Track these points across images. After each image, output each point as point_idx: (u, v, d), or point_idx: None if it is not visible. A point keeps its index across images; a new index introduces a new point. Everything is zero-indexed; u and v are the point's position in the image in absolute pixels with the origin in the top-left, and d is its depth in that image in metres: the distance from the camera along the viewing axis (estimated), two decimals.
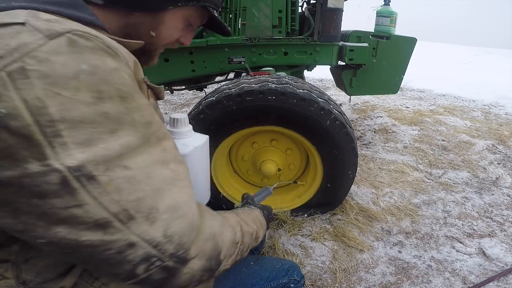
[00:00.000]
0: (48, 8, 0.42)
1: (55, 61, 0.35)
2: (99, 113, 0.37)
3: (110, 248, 0.39)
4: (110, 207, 0.38)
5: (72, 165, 0.35)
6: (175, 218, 0.44)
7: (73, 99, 0.36)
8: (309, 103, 1.27)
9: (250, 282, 0.78)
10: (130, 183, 0.39)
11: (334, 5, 1.70)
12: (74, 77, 0.36)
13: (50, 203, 0.36)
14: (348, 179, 1.52)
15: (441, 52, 9.81)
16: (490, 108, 3.82)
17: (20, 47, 0.35)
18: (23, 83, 0.34)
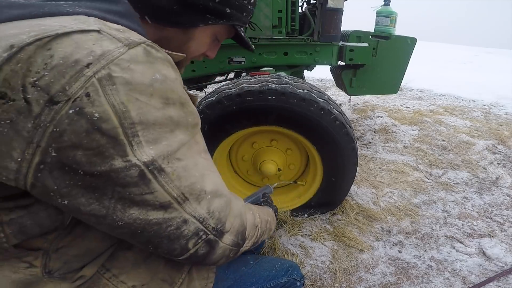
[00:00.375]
0: (108, 17, 0.47)
1: (135, 70, 0.41)
2: (166, 117, 0.44)
3: (170, 224, 0.47)
4: (172, 192, 0.46)
5: (146, 160, 0.42)
6: (215, 197, 0.52)
7: (148, 104, 0.42)
8: (309, 103, 1.27)
9: (250, 281, 0.78)
10: (185, 171, 0.47)
11: (334, 5, 1.70)
12: (150, 84, 0.42)
13: (129, 191, 0.43)
14: (348, 179, 1.52)
15: (441, 52, 9.81)
16: (490, 108, 3.82)
17: (105, 54, 0.40)
18: (110, 89, 0.39)
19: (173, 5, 0.58)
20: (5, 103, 0.37)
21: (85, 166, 0.40)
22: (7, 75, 0.37)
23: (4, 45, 0.38)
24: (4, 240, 0.44)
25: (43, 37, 0.38)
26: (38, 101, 0.37)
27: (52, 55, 0.38)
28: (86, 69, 0.38)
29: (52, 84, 0.37)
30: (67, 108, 0.37)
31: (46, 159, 0.39)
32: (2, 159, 0.39)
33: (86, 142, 0.39)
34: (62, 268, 0.51)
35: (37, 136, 0.38)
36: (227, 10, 0.62)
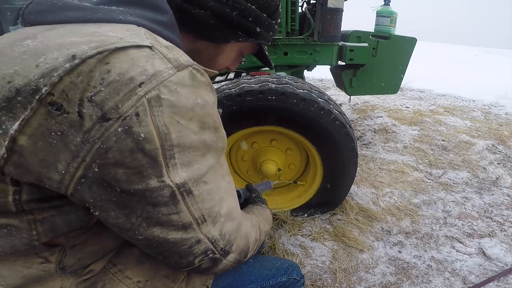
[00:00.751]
0: (154, 27, 0.50)
1: (180, 93, 0.43)
2: (201, 141, 0.46)
3: (185, 244, 0.50)
4: (194, 214, 0.48)
5: (179, 182, 0.44)
6: (228, 220, 0.55)
7: (187, 127, 0.44)
8: (309, 103, 1.27)
9: (249, 279, 0.79)
10: (209, 194, 0.49)
11: (334, 5, 1.71)
12: (191, 108, 0.44)
13: (158, 210, 0.45)
14: (348, 179, 1.52)
15: (441, 52, 9.81)
16: (490, 108, 3.82)
17: (156, 74, 0.42)
18: (157, 110, 0.41)
19: (210, 19, 0.61)
20: (59, 115, 0.38)
21: (123, 184, 0.42)
22: (66, 87, 0.38)
23: (65, 54, 0.39)
24: (35, 238, 0.46)
25: (104, 50, 0.40)
26: (91, 116, 0.38)
27: (109, 70, 0.39)
28: (138, 88, 0.40)
29: (106, 100, 0.39)
30: (116, 126, 0.39)
31: (88, 174, 0.40)
32: (48, 169, 0.40)
33: (128, 161, 0.40)
34: (75, 264, 0.52)
35: (84, 151, 0.39)
36: (257, 29, 0.66)
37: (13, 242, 0.45)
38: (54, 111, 0.38)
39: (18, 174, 0.41)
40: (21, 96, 0.38)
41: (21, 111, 0.38)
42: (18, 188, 0.42)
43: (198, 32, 0.62)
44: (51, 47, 0.40)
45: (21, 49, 0.41)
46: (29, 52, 0.40)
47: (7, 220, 0.44)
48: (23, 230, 0.45)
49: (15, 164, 0.40)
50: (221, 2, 0.60)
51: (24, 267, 0.48)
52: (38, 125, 0.38)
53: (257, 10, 0.64)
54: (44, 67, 0.38)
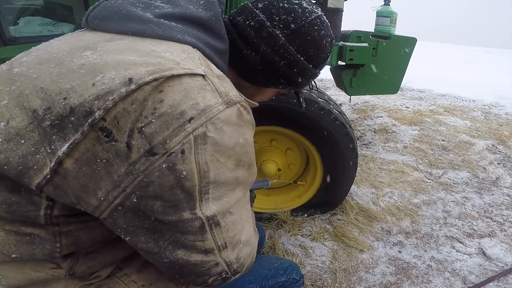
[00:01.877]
0: (207, 52, 0.50)
1: (225, 132, 0.44)
2: (234, 178, 0.48)
3: (204, 266, 0.51)
4: (218, 242, 0.49)
5: (209, 215, 0.45)
6: (245, 246, 0.56)
7: (224, 165, 0.45)
8: (309, 103, 1.27)
9: (248, 279, 0.79)
10: (233, 224, 0.51)
11: (334, 5, 1.71)
12: (232, 148, 0.45)
13: (186, 237, 0.46)
14: (348, 179, 1.52)
15: (441, 52, 9.81)
16: (490, 108, 3.82)
17: (206, 110, 0.42)
18: (201, 148, 0.41)
19: (258, 65, 0.61)
20: (108, 142, 0.38)
21: (159, 214, 0.42)
22: (119, 114, 0.38)
23: (122, 76, 0.39)
24: (57, 250, 0.46)
25: (160, 76, 0.40)
26: (139, 149, 0.38)
27: (162, 100, 0.39)
28: (187, 123, 0.40)
29: (156, 134, 0.39)
30: (161, 161, 0.39)
31: (126, 203, 0.41)
32: (86, 194, 0.40)
33: (167, 195, 0.41)
34: (85, 271, 0.52)
35: (126, 182, 0.39)
36: (299, 79, 0.65)
37: (34, 251, 0.45)
38: (103, 137, 0.38)
39: (56, 195, 0.41)
40: (74, 117, 0.37)
41: (71, 132, 0.37)
42: (51, 203, 0.43)
43: (243, 73, 0.64)
44: (109, 64, 0.40)
45: (80, 61, 0.41)
46: (87, 66, 0.40)
47: (33, 230, 0.44)
48: (47, 242, 0.45)
49: (55, 186, 0.39)
50: (273, 49, 0.59)
51: (34, 270, 0.48)
52: (86, 149, 0.38)
53: (305, 61, 0.62)
54: (100, 87, 0.38)
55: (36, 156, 0.38)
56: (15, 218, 0.43)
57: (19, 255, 0.45)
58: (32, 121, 0.38)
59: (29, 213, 0.42)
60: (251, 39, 0.59)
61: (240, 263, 0.57)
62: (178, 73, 0.41)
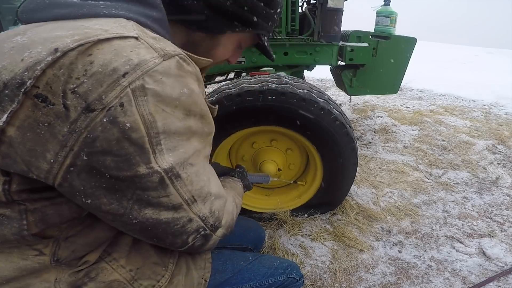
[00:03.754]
0: (142, 20, 0.49)
1: (166, 83, 0.44)
2: (186, 127, 0.47)
3: (177, 223, 0.51)
4: (184, 195, 0.50)
5: (166, 167, 0.45)
6: (217, 198, 0.57)
7: (172, 115, 0.45)
8: (309, 103, 1.27)
9: (248, 276, 0.79)
10: (197, 176, 0.51)
11: (334, 5, 1.71)
12: (177, 98, 0.45)
13: (148, 194, 0.46)
14: (348, 179, 1.52)
15: (441, 52, 9.81)
16: (490, 108, 3.82)
17: (141, 64, 0.42)
18: (142, 100, 0.41)
19: (203, 10, 0.59)
20: (45, 107, 0.39)
21: (113, 170, 0.42)
22: (50, 79, 0.39)
23: (48, 48, 0.40)
24: (25, 228, 0.46)
25: (86, 42, 0.40)
26: (76, 108, 0.39)
27: (92, 62, 0.40)
28: (122, 78, 0.40)
29: (90, 92, 0.39)
30: (101, 116, 0.40)
31: (77, 162, 0.41)
32: (36, 159, 0.41)
33: (116, 149, 0.41)
34: (70, 256, 0.53)
35: (71, 140, 0.40)
36: (254, 18, 0.64)
37: (3, 231, 0.46)
38: (40, 103, 0.39)
39: (6, 164, 0.41)
40: (8, 90, 0.39)
41: (8, 103, 0.39)
42: (8, 178, 0.43)
43: (192, 24, 0.61)
44: (36, 42, 0.41)
45: (10, 45, 0.42)
46: (16, 47, 0.41)
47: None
48: (14, 220, 0.46)
49: (2, 155, 0.41)
50: None
51: (20, 258, 0.49)
52: (26, 116, 0.39)
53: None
54: (28, 61, 0.39)
55: None
56: None
57: None
58: None
59: None
60: None
61: (216, 216, 0.57)
62: (106, 37, 0.42)
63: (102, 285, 0.56)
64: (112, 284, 0.57)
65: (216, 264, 0.76)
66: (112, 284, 0.57)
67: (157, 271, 0.62)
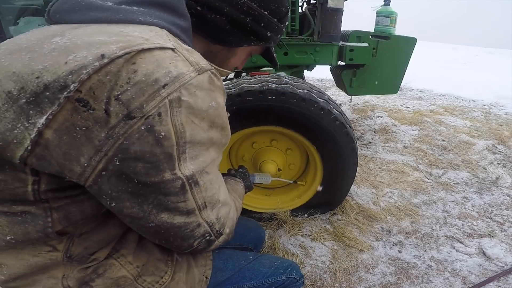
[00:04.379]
0: (173, 30, 0.52)
1: (198, 96, 0.47)
2: (208, 138, 0.50)
3: (188, 228, 0.53)
4: (198, 201, 0.52)
5: (188, 174, 0.48)
6: (223, 205, 0.60)
7: (199, 126, 0.48)
8: (309, 103, 1.27)
9: (249, 275, 0.79)
10: (211, 184, 0.54)
11: (334, 5, 1.70)
12: (205, 111, 0.48)
13: (168, 199, 0.48)
14: (348, 179, 1.52)
15: (441, 52, 9.81)
16: (490, 108, 3.82)
17: (179, 76, 0.44)
18: (176, 111, 0.44)
19: (225, 25, 0.64)
20: (85, 111, 0.40)
21: (142, 176, 0.44)
22: (94, 85, 0.40)
23: (95, 53, 0.41)
24: (50, 225, 0.47)
25: (131, 50, 0.42)
26: (117, 114, 0.41)
27: (136, 70, 0.42)
28: (162, 89, 0.42)
29: (132, 100, 0.41)
30: (139, 124, 0.41)
31: (109, 167, 0.43)
32: (70, 162, 0.41)
33: (148, 156, 0.43)
34: (82, 252, 0.54)
35: (107, 146, 0.41)
36: (268, 34, 0.69)
37: (27, 229, 0.47)
38: (80, 107, 0.40)
39: (40, 166, 0.42)
40: (49, 92, 0.39)
41: (48, 106, 0.39)
42: (37, 178, 0.44)
43: (213, 37, 0.66)
44: (80, 45, 0.42)
45: (50, 46, 0.42)
46: (58, 49, 0.41)
47: (24, 207, 0.46)
48: (39, 217, 0.47)
49: (38, 156, 0.41)
50: (236, 8, 0.63)
51: (31, 255, 0.49)
52: (64, 120, 0.40)
53: (269, 15, 0.66)
54: (73, 64, 0.40)
55: (14, 131, 0.39)
56: (4, 197, 0.45)
57: (13, 235, 0.47)
58: (7, 101, 0.39)
59: (17, 190, 0.44)
60: (212, 3, 0.61)
61: (221, 223, 0.59)
62: (148, 47, 0.43)
63: (110, 282, 0.57)
64: (119, 281, 0.58)
65: (217, 262, 0.77)
66: (119, 281, 0.58)
67: (160, 267, 0.63)
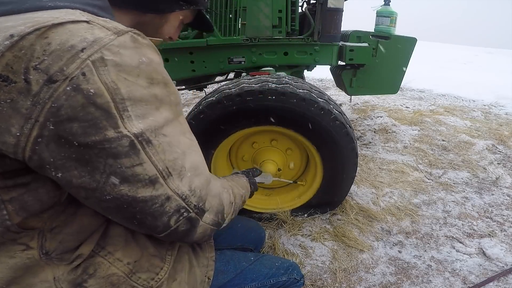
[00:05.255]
0: (88, 9, 0.50)
1: (124, 54, 0.45)
2: (151, 95, 0.48)
3: (156, 202, 0.49)
4: (158, 165, 0.48)
5: (136, 132, 0.45)
6: (195, 175, 0.54)
7: (135, 83, 0.45)
8: (309, 103, 1.27)
9: (250, 277, 0.79)
10: (169, 146, 0.50)
11: (334, 5, 1.70)
12: (136, 66, 0.46)
13: (121, 162, 0.45)
14: (348, 179, 1.52)
15: (441, 52, 9.81)
16: (490, 108, 3.82)
17: (97, 40, 0.43)
18: (103, 69, 0.42)
19: None
20: (7, 85, 0.40)
21: (80, 137, 0.42)
22: (10, 61, 0.40)
23: (3, 36, 0.40)
24: (6, 218, 0.46)
25: (41, 27, 0.41)
26: (37, 81, 0.40)
27: (50, 43, 0.41)
28: (81, 53, 0.41)
29: (51, 66, 0.40)
30: (64, 86, 0.40)
31: (44, 133, 0.41)
32: (1, 134, 0.41)
33: (82, 115, 0.41)
34: (58, 248, 0.52)
35: (36, 112, 0.40)
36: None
37: None
38: (1, 83, 0.39)
39: None
40: None
41: None
42: None
43: (144, 6, 0.66)
44: None
45: None
46: None
47: None
48: None
49: None
50: None
51: (8, 257, 0.49)
52: None
53: None
54: None
55: None
56: None
57: None
58: None
59: None
60: None
61: (198, 196, 0.55)
62: (59, 22, 0.42)
63: (102, 281, 0.56)
64: (111, 279, 0.56)
65: (218, 264, 0.76)
66: (111, 279, 0.56)
67: (155, 263, 0.62)
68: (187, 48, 1.71)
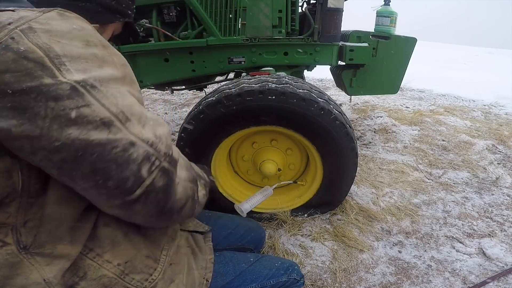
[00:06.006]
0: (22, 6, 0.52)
1: (52, 24, 0.45)
2: (90, 53, 0.47)
3: (116, 145, 0.46)
4: (110, 108, 0.46)
5: (77, 79, 0.44)
6: (158, 125, 0.54)
7: (70, 44, 0.45)
8: (309, 103, 1.27)
9: (250, 278, 0.79)
10: (121, 94, 0.49)
11: (334, 5, 1.70)
12: (69, 31, 0.46)
13: (63, 105, 0.43)
14: (348, 179, 1.52)
15: (441, 52, 9.81)
16: (490, 108, 3.82)
17: (24, 17, 0.44)
18: (33, 35, 0.43)
19: (98, 8, 0.71)
20: None
21: (14, 84, 0.41)
22: None
23: None
24: None
25: None
26: None
27: None
28: (8, 25, 0.43)
29: None
30: None
31: None
32: None
33: (13, 67, 0.41)
34: (36, 242, 0.51)
35: None
36: (128, 11, 0.79)
37: None
38: None
39: None
40: None
41: None
42: None
43: (92, 18, 0.67)
44: None
45: None
46: None
47: None
48: None
49: None
50: None
51: None
52: None
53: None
54: None
55: None
56: None
57: None
58: None
59: None
60: None
61: (166, 144, 0.53)
62: None
63: (94, 283, 0.55)
64: (102, 281, 0.56)
65: (217, 266, 0.76)
66: (103, 281, 0.56)
67: (148, 264, 0.62)
68: (187, 48, 1.71)
